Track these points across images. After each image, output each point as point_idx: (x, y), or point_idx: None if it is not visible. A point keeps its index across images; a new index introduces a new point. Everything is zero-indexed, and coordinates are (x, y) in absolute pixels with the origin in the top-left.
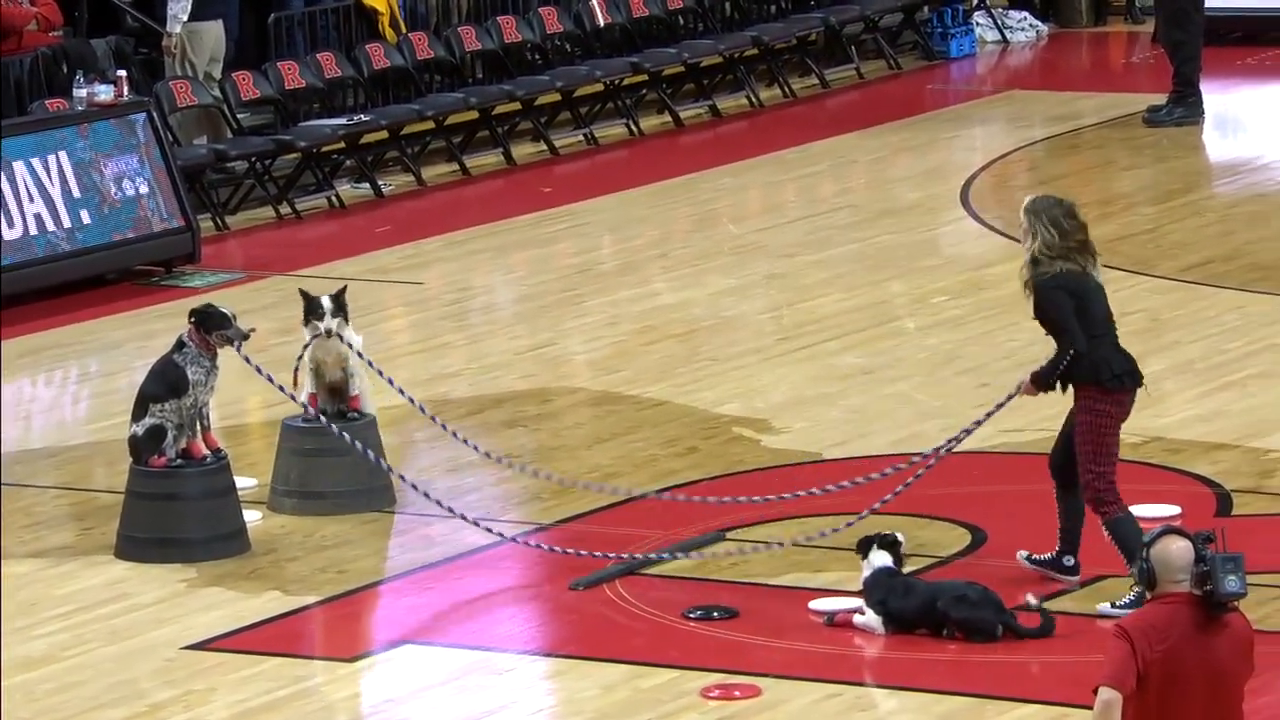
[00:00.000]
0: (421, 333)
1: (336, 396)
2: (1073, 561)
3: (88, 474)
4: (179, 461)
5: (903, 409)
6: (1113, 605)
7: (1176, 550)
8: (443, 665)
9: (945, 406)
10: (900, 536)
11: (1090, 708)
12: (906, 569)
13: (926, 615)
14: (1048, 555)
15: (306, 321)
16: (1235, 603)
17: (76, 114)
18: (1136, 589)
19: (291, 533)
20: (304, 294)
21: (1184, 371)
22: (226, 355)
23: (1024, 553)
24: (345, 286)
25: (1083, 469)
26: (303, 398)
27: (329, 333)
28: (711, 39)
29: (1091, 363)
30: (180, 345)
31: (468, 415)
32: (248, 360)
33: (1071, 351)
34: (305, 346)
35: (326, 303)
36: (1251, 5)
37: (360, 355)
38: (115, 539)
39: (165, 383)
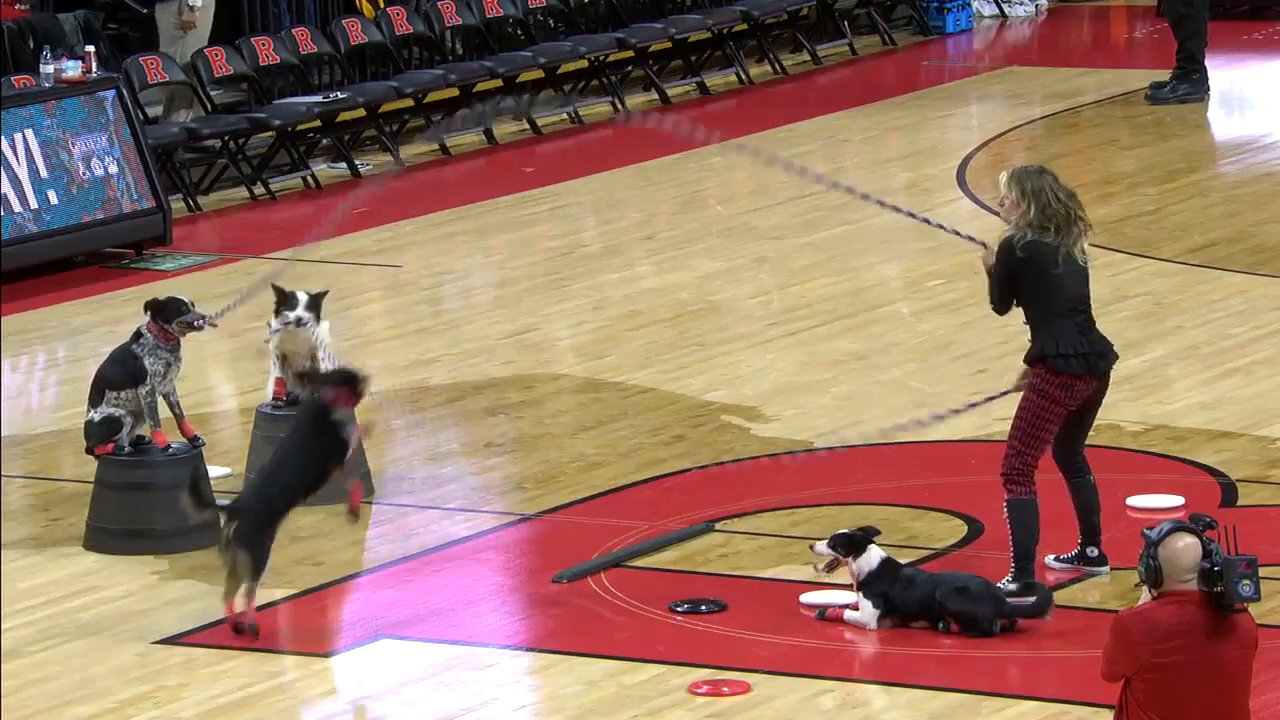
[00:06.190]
0: (399, 317)
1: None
2: (1097, 552)
3: (55, 463)
4: (128, 450)
5: (896, 396)
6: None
7: (1184, 548)
8: (421, 660)
9: (940, 394)
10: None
11: (1088, 704)
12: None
13: (926, 607)
14: (1072, 552)
15: (278, 312)
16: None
17: (43, 91)
18: (1010, 578)
19: None
20: (277, 289)
21: (1187, 357)
22: (199, 343)
23: (1050, 556)
24: (326, 291)
25: (1009, 441)
26: (270, 384)
27: (299, 321)
28: (700, 14)
29: (1041, 340)
30: (137, 335)
31: (448, 402)
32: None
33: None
34: (274, 332)
35: (301, 296)
36: None
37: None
38: (84, 530)
39: (124, 371)
